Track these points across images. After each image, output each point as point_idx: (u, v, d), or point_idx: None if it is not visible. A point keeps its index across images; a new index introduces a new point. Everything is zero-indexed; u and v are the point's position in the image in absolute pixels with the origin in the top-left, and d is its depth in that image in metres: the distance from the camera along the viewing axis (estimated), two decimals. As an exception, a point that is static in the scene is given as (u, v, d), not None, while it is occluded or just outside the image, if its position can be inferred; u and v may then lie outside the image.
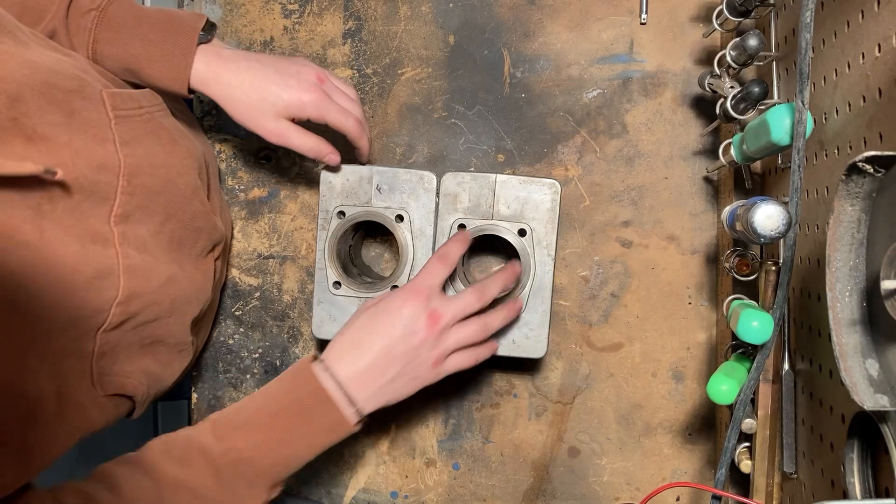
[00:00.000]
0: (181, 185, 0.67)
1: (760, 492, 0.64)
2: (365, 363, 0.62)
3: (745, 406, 0.57)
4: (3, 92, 0.51)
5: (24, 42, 0.56)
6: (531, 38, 0.82)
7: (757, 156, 0.62)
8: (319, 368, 0.62)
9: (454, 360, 0.66)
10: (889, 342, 0.45)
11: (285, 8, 0.85)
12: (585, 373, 0.82)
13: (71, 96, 0.56)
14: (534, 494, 0.83)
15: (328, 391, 0.61)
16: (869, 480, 0.51)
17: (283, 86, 0.68)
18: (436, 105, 0.83)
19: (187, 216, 0.68)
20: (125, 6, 0.67)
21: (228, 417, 0.62)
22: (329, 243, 0.74)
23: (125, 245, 0.60)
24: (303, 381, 0.62)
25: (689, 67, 0.79)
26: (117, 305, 0.59)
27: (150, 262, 0.63)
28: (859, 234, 0.47)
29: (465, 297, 0.65)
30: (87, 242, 0.57)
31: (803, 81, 0.50)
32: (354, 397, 0.62)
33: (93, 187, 0.57)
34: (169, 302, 0.65)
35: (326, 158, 0.72)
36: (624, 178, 0.81)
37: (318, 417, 0.61)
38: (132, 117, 0.62)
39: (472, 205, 0.73)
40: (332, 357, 0.63)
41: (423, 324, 0.63)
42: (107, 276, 0.58)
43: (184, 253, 0.69)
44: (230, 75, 0.67)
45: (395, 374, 0.63)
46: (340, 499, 0.86)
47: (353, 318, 0.66)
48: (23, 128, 0.52)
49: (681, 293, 0.80)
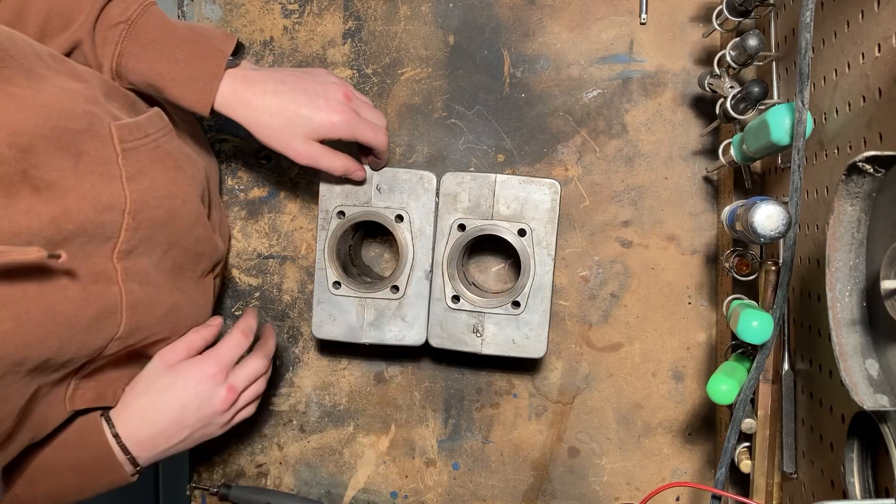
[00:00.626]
0: (185, 213, 0.67)
1: (760, 492, 0.64)
2: (156, 431, 0.64)
3: (745, 406, 0.57)
4: (14, 145, 0.50)
5: (41, 75, 0.54)
6: (531, 38, 0.82)
7: (757, 156, 0.62)
8: (109, 432, 0.63)
9: (241, 414, 0.71)
10: (889, 342, 0.45)
11: (285, 8, 0.85)
12: (585, 373, 0.82)
13: (80, 137, 0.56)
14: (534, 494, 0.83)
15: (116, 455, 0.63)
16: (869, 480, 0.51)
17: (313, 108, 0.67)
18: (436, 105, 0.83)
19: (190, 242, 0.68)
20: (154, 20, 0.65)
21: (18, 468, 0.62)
22: (329, 243, 0.74)
23: (128, 281, 0.60)
24: (92, 442, 0.63)
25: (688, 67, 0.79)
26: (116, 340, 0.59)
27: (153, 294, 0.63)
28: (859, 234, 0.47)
29: (254, 362, 0.70)
30: (90, 283, 0.56)
31: (803, 81, 0.50)
32: (139, 458, 0.64)
33: (96, 228, 0.56)
34: (170, 329, 0.66)
35: (354, 175, 0.72)
36: (624, 178, 0.81)
37: (102, 475, 0.64)
38: (138, 148, 0.62)
39: (472, 205, 0.73)
40: (123, 421, 0.64)
41: (221, 397, 0.66)
42: (109, 316, 0.58)
43: (185, 278, 0.69)
44: (257, 99, 0.66)
45: (183, 438, 0.66)
46: (340, 499, 0.86)
47: (152, 376, 0.66)
48: (31, 179, 0.52)
49: (681, 293, 0.80)
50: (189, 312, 0.69)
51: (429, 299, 0.74)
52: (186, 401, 0.65)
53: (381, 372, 0.85)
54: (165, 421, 0.64)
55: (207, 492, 0.86)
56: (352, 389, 0.86)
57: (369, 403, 0.85)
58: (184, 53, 0.65)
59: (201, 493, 0.87)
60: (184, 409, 0.65)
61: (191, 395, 0.65)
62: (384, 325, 0.75)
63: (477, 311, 0.73)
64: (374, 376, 0.85)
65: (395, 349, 0.80)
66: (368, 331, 0.75)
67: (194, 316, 0.70)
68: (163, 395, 0.64)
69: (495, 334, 0.73)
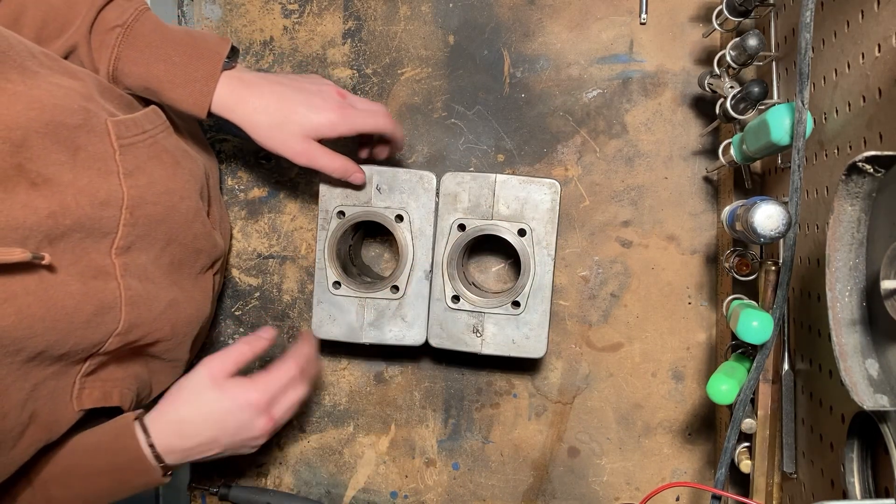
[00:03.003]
0: (183, 209, 0.66)
1: (760, 492, 0.64)
2: (191, 444, 0.64)
3: (745, 406, 0.57)
4: (8, 140, 0.50)
5: (34, 72, 0.54)
6: (531, 38, 0.82)
7: (757, 156, 0.62)
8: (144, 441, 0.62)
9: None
10: (889, 342, 0.45)
11: (285, 8, 0.85)
12: (585, 373, 0.82)
13: (76, 132, 0.56)
14: (534, 494, 0.83)
15: (149, 461, 0.62)
16: (869, 480, 0.51)
17: (310, 105, 0.67)
18: (436, 105, 0.83)
19: (189, 238, 0.68)
20: (150, 25, 0.65)
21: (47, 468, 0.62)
22: (329, 243, 0.74)
23: (127, 276, 0.60)
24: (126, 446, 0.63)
25: (688, 67, 0.79)
26: (116, 336, 0.59)
27: (152, 290, 0.63)
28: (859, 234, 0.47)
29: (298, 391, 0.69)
30: (88, 279, 0.56)
31: (803, 81, 0.50)
32: (171, 466, 0.64)
33: (94, 224, 0.56)
34: (170, 326, 0.65)
35: (352, 178, 0.71)
36: (624, 178, 0.81)
37: (135, 478, 0.64)
38: (136, 144, 0.62)
39: (472, 205, 0.73)
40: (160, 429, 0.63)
41: (261, 426, 0.66)
42: (108, 311, 0.58)
43: (184, 274, 0.69)
44: (255, 99, 0.66)
45: (213, 454, 0.66)
46: (340, 499, 0.86)
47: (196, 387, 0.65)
48: (27, 173, 0.52)
49: (681, 293, 0.80)
50: (188, 309, 0.69)
51: (429, 299, 0.74)
52: (226, 424, 0.64)
53: (381, 372, 0.85)
54: (202, 437, 0.64)
55: (207, 492, 0.86)
56: (352, 389, 0.86)
57: (369, 403, 0.85)
58: (180, 56, 0.65)
59: (201, 493, 0.87)
60: (222, 430, 0.64)
61: (232, 418, 0.64)
62: (384, 325, 0.75)
63: (477, 311, 0.73)
64: (374, 376, 0.85)
65: (394, 349, 0.80)
66: (368, 331, 0.75)
67: (194, 312, 0.70)
68: (204, 412, 0.64)
69: (495, 334, 0.73)
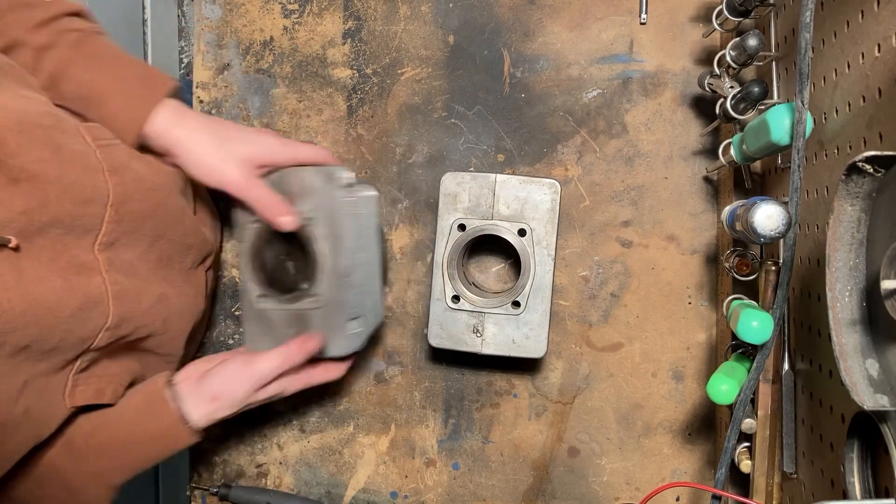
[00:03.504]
0: (171, 206, 0.67)
1: (760, 492, 0.64)
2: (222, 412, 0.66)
3: (745, 406, 0.57)
4: None
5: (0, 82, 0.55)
6: (531, 38, 0.82)
7: (757, 156, 0.62)
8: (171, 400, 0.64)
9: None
10: (889, 342, 0.45)
11: (285, 8, 0.85)
12: (585, 373, 0.82)
13: (51, 131, 0.56)
14: (534, 494, 0.83)
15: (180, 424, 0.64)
16: (869, 480, 0.51)
17: (247, 132, 0.70)
18: (436, 105, 0.83)
19: (177, 235, 0.68)
20: (108, 44, 0.66)
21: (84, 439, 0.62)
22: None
23: (112, 271, 0.60)
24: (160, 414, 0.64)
25: (688, 67, 0.79)
26: (106, 330, 0.59)
27: (139, 285, 0.63)
28: (859, 234, 0.47)
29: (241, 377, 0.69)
30: (71, 275, 0.56)
31: (803, 81, 0.50)
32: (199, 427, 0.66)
33: (74, 221, 0.57)
34: (161, 320, 0.66)
35: (278, 220, 0.67)
36: (624, 178, 0.81)
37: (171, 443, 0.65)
38: (112, 146, 0.62)
39: (472, 205, 0.73)
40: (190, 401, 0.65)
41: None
42: (94, 306, 0.58)
43: (173, 270, 0.69)
44: (197, 119, 0.67)
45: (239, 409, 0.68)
46: (340, 499, 0.86)
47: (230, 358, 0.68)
48: (9, 169, 0.52)
49: (681, 293, 0.80)
50: (179, 304, 0.69)
51: (429, 298, 0.74)
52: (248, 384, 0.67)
53: (381, 372, 0.85)
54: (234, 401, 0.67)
55: (207, 492, 0.86)
56: (352, 389, 0.86)
57: (369, 403, 0.85)
58: (129, 74, 0.66)
59: (201, 493, 0.87)
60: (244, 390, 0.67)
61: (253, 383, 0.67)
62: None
63: (477, 311, 0.73)
64: (374, 376, 0.85)
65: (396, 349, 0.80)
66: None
67: (187, 307, 0.70)
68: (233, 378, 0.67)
69: (495, 334, 0.73)
